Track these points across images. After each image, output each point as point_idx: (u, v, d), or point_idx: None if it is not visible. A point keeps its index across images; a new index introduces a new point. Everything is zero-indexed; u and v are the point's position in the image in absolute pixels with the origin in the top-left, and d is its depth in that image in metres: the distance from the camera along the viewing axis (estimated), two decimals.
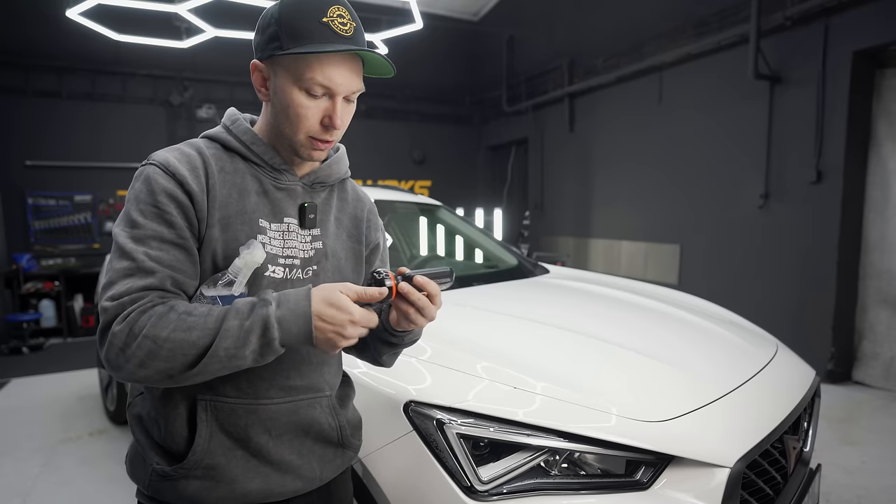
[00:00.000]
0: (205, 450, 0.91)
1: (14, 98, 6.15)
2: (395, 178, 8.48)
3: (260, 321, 0.80)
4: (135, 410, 1.01)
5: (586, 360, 1.59)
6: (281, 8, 0.89)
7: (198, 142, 0.97)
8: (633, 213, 6.02)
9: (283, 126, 0.92)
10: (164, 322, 0.79)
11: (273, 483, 0.96)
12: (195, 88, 6.99)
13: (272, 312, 0.80)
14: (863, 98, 4.05)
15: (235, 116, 1.00)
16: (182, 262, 0.87)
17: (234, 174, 0.94)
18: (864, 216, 4.17)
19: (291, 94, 0.89)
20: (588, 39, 6.52)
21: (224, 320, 0.80)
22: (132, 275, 0.83)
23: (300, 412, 0.98)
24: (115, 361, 0.80)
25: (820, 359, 4.09)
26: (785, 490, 1.47)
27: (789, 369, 1.82)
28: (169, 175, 0.88)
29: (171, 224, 0.86)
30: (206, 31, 4.95)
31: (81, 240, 6.61)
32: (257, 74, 0.94)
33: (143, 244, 0.84)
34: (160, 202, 0.86)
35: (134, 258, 0.83)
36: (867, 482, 2.71)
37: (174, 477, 0.92)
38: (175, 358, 0.79)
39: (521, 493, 1.19)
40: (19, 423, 3.64)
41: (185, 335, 0.79)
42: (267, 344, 0.80)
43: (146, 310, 0.81)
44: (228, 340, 0.79)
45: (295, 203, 0.98)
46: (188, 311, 0.81)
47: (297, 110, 0.89)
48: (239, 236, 0.91)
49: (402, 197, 3.15)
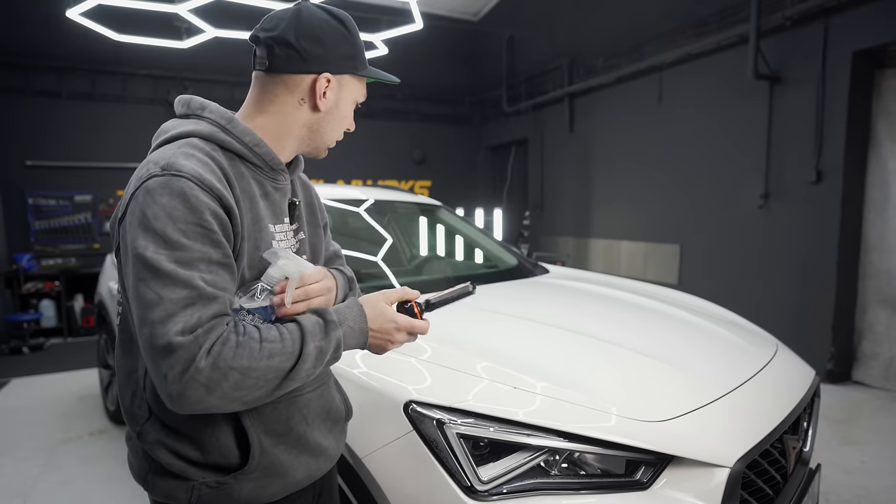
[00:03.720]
0: (260, 452, 0.93)
1: (14, 98, 6.15)
2: (396, 178, 8.48)
3: (334, 342, 0.88)
4: (150, 437, 0.93)
5: (586, 360, 1.59)
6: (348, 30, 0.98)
7: (198, 143, 0.90)
8: (633, 213, 6.02)
9: (328, 133, 1.02)
10: (246, 352, 0.79)
11: (313, 467, 1.02)
12: (195, 88, 6.98)
13: (343, 333, 0.89)
14: (862, 98, 4.05)
15: (228, 115, 0.95)
16: (230, 283, 0.85)
17: (241, 180, 0.92)
18: (864, 216, 4.18)
19: (349, 108, 1.03)
20: (588, 39, 6.52)
21: (303, 344, 0.84)
22: (194, 303, 0.78)
23: (324, 396, 1.06)
24: (195, 396, 0.76)
25: (820, 359, 4.09)
26: (785, 490, 1.47)
27: (789, 369, 1.82)
28: (205, 190, 0.82)
29: (217, 244, 0.83)
30: (206, 31, 4.95)
31: (81, 240, 6.61)
32: (323, 85, 0.96)
33: (194, 268, 0.79)
34: (206, 221, 0.81)
35: (192, 285, 0.78)
36: (867, 482, 2.71)
37: (228, 484, 0.92)
38: (259, 386, 0.81)
39: (521, 493, 1.19)
40: (19, 423, 3.64)
41: (269, 362, 0.81)
42: (335, 360, 0.90)
43: (226, 340, 0.78)
44: (309, 363, 0.85)
45: (286, 201, 1.03)
46: (265, 338, 0.82)
47: (347, 122, 1.04)
48: (259, 244, 0.92)
49: (402, 197, 3.15)
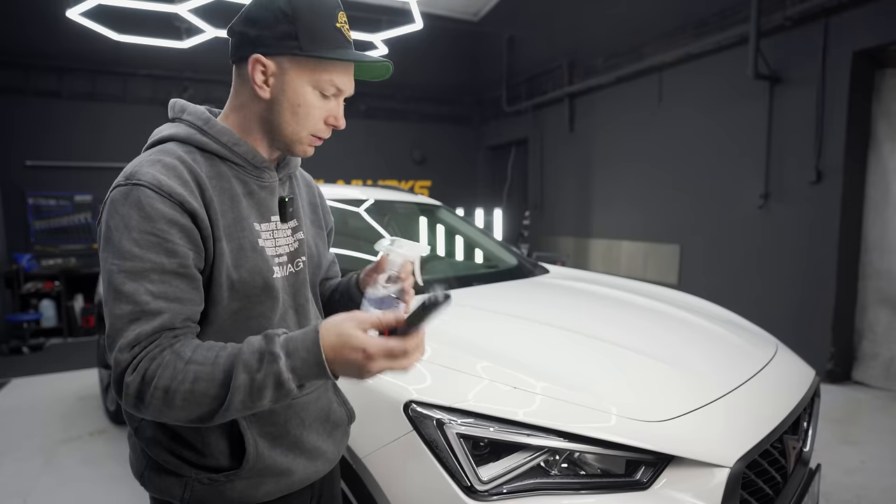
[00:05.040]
0: (256, 454, 0.93)
1: (14, 98, 6.15)
2: (395, 178, 8.48)
3: (272, 377, 0.76)
4: (146, 434, 0.94)
5: (586, 360, 1.59)
6: (294, 8, 0.87)
7: (171, 148, 0.90)
8: (633, 213, 6.02)
9: (284, 123, 0.91)
10: (171, 372, 0.76)
11: (310, 470, 1.01)
12: (195, 88, 6.99)
13: (283, 367, 0.76)
14: (863, 98, 4.05)
15: (205, 115, 0.94)
16: (186, 292, 0.82)
17: (221, 179, 0.91)
18: (864, 216, 4.18)
19: (305, 93, 0.90)
20: (588, 39, 6.52)
21: (234, 375, 0.76)
22: (138, 319, 0.78)
23: (321, 399, 1.04)
24: (136, 409, 0.78)
25: (820, 359, 4.09)
26: (785, 490, 1.47)
27: (789, 369, 1.82)
28: (164, 196, 0.81)
29: (172, 252, 0.81)
30: (206, 31, 4.95)
31: (82, 240, 6.61)
32: (258, 70, 0.89)
33: (143, 279, 0.79)
34: (160, 229, 0.80)
35: (136, 300, 0.78)
36: (867, 482, 2.71)
37: (222, 482, 0.92)
38: (190, 408, 0.77)
39: (521, 493, 1.19)
40: (19, 423, 3.64)
41: (192, 386, 0.76)
42: (284, 395, 0.78)
43: (155, 356, 0.77)
44: (240, 395, 0.76)
45: (275, 199, 0.99)
46: (194, 359, 0.77)
47: (308, 109, 0.91)
48: (243, 244, 0.90)
49: (402, 197, 3.15)
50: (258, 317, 0.93)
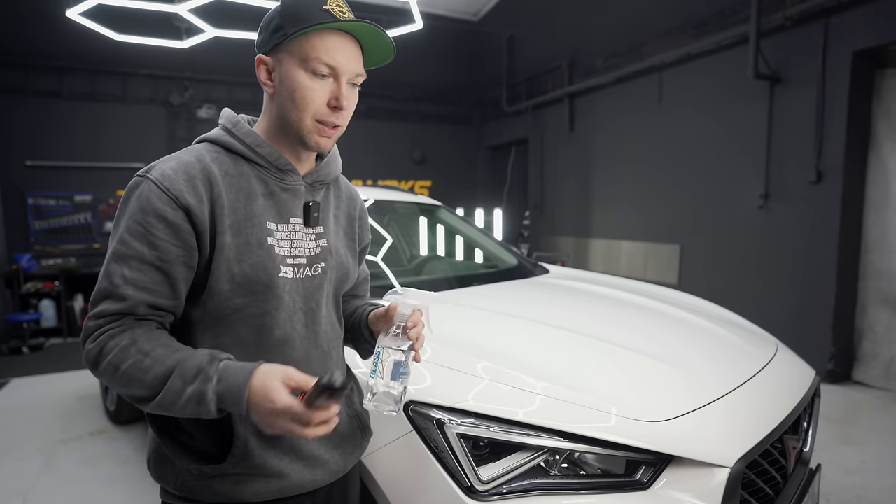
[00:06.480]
0: (243, 451, 0.93)
1: (14, 98, 6.15)
2: (395, 178, 8.48)
3: (197, 395, 0.82)
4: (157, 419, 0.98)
5: (586, 360, 1.59)
6: (282, 4, 0.93)
7: (198, 148, 0.97)
8: (633, 213, 6.02)
9: (289, 113, 0.93)
10: (123, 354, 0.84)
11: (305, 477, 0.99)
12: (195, 88, 6.99)
13: (210, 389, 0.82)
14: (863, 98, 4.04)
15: (235, 119, 1.00)
16: (158, 284, 0.88)
17: (240, 177, 0.95)
18: (864, 216, 4.17)
19: (297, 77, 0.91)
20: (588, 39, 6.52)
21: (171, 378, 0.83)
22: (108, 297, 0.87)
23: None
24: (92, 372, 0.88)
25: (820, 359, 4.09)
26: (785, 490, 1.47)
27: (789, 369, 1.82)
28: (163, 191, 0.88)
29: (153, 245, 0.87)
30: (206, 31, 4.95)
31: (81, 240, 6.61)
32: (262, 69, 0.96)
33: (124, 263, 0.87)
34: (147, 222, 0.87)
35: (112, 280, 0.87)
36: (867, 482, 2.71)
37: (209, 475, 0.94)
38: (131, 390, 0.85)
39: (521, 493, 1.19)
40: (19, 423, 3.64)
41: (138, 374, 0.83)
42: (203, 412, 0.83)
43: (115, 335, 0.86)
44: (170, 396, 0.83)
45: (299, 202, 1.00)
46: (146, 352, 0.84)
47: (304, 92, 0.91)
48: (250, 240, 0.93)
49: (402, 197, 3.15)
50: (262, 314, 0.95)
